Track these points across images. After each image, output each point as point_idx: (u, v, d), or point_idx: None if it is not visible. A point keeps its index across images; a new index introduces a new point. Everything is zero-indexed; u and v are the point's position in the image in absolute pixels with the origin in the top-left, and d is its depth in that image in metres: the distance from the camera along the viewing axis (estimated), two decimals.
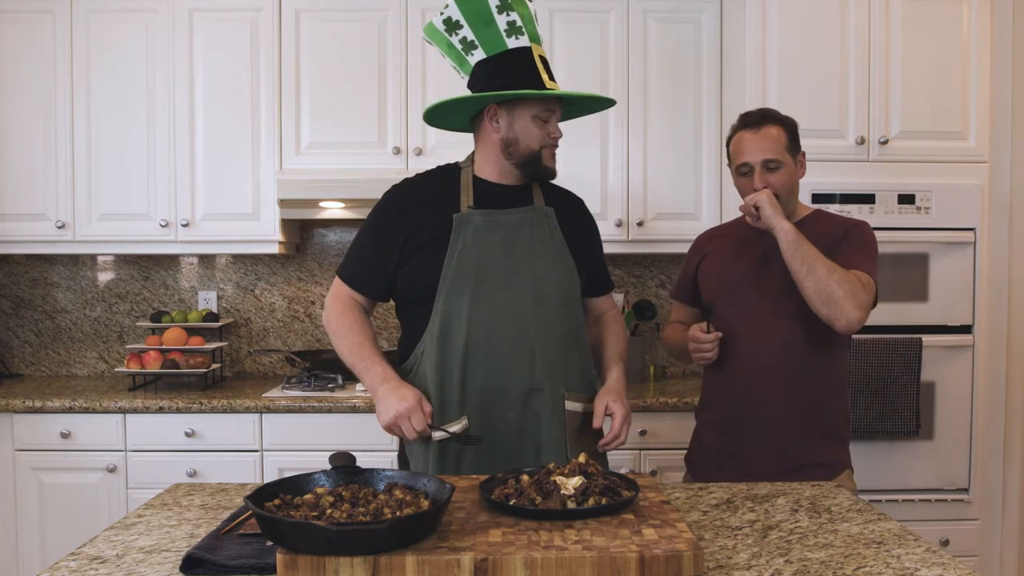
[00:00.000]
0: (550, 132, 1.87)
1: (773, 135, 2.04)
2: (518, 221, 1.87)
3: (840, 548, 1.36)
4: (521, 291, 1.82)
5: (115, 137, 3.16)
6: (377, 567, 1.15)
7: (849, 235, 2.03)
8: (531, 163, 1.87)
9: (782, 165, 2.03)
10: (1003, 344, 2.98)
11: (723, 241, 2.21)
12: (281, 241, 3.21)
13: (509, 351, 1.80)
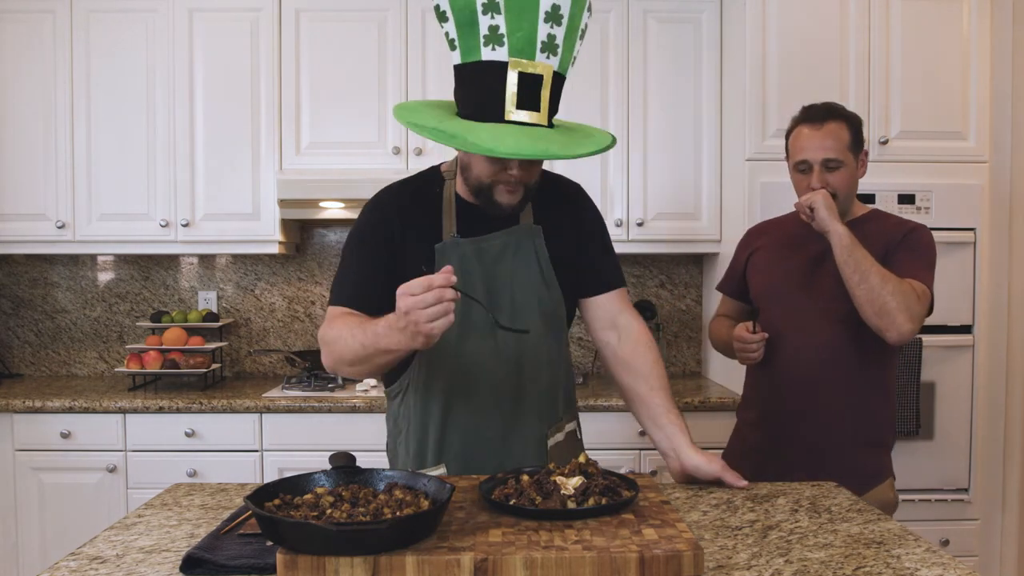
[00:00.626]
0: (506, 168, 1.56)
1: (836, 132, 1.95)
2: (501, 247, 1.68)
3: (840, 548, 1.36)
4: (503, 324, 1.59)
5: (115, 137, 3.16)
6: (377, 567, 1.15)
7: (907, 240, 1.96)
8: (481, 195, 1.61)
9: (843, 165, 1.96)
10: (1003, 344, 2.98)
11: (774, 236, 2.15)
12: (281, 241, 3.21)
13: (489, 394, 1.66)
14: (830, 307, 1.96)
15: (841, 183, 1.96)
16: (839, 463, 1.95)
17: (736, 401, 2.91)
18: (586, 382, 3.27)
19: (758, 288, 2.12)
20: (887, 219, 2.05)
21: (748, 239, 2.23)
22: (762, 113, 2.86)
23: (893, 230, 1.99)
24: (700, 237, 3.22)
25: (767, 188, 2.84)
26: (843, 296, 1.91)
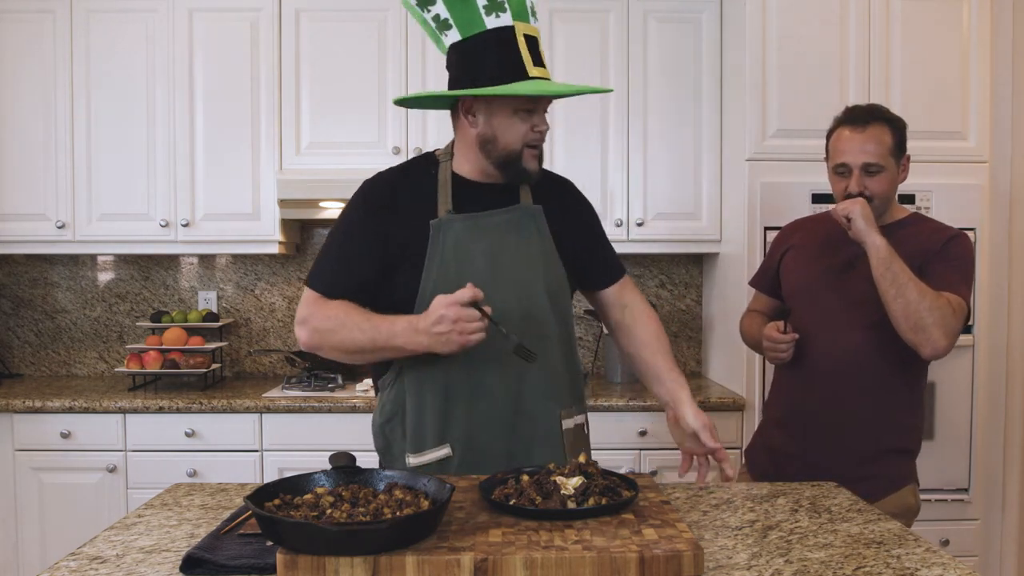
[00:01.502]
0: (534, 126, 1.61)
1: (878, 136, 1.91)
2: (503, 224, 1.67)
3: (840, 548, 1.36)
4: (506, 302, 1.61)
5: (115, 137, 3.16)
6: (377, 567, 1.15)
7: (946, 249, 1.91)
8: (510, 163, 1.63)
9: (883, 170, 1.91)
10: (1003, 344, 2.98)
11: (809, 235, 2.12)
12: (281, 241, 3.21)
13: (494, 377, 1.63)
14: (861, 311, 1.93)
15: (880, 188, 1.92)
16: (859, 468, 1.93)
17: (736, 401, 2.91)
18: (586, 381, 3.27)
19: (790, 286, 2.10)
20: (926, 224, 2.00)
21: (783, 236, 2.20)
22: (762, 113, 2.86)
23: (932, 237, 1.94)
24: (700, 237, 3.22)
25: (767, 188, 2.84)
26: (875, 301, 1.88)
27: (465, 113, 1.64)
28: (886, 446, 1.96)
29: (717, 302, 3.32)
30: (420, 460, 1.65)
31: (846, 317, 1.96)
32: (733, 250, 3.05)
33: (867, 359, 1.94)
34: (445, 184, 1.68)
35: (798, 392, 2.04)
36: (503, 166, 1.65)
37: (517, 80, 1.54)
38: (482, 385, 1.64)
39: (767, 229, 2.83)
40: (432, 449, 1.65)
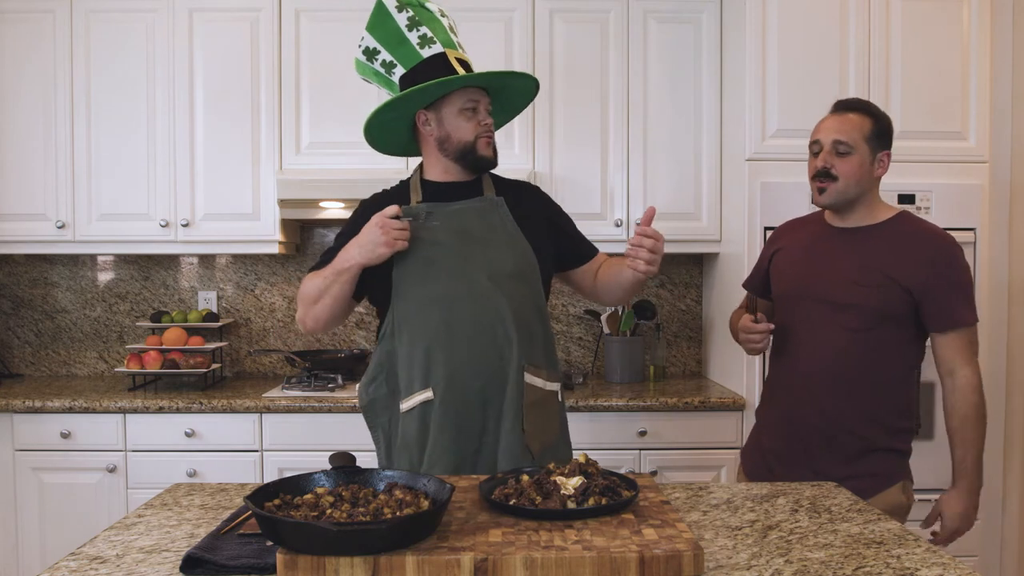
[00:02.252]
0: (480, 120, 1.92)
1: (854, 120, 1.94)
2: (467, 210, 1.93)
3: (840, 548, 1.36)
4: (475, 272, 1.86)
5: (115, 137, 3.16)
6: (377, 567, 1.15)
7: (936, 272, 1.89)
8: (467, 154, 1.93)
9: (853, 151, 1.93)
10: (1003, 344, 2.98)
11: (797, 236, 2.13)
12: (281, 241, 3.21)
13: (467, 326, 1.85)
14: (846, 314, 1.94)
15: (847, 169, 1.93)
16: (849, 465, 1.95)
17: (736, 401, 2.91)
18: (586, 382, 3.27)
19: (778, 289, 2.11)
20: (915, 226, 1.98)
21: (774, 237, 2.22)
22: (762, 113, 2.86)
23: (919, 244, 1.93)
24: (700, 237, 3.22)
25: (767, 188, 2.84)
26: (859, 303, 1.91)
27: (423, 125, 1.95)
28: (875, 445, 1.96)
29: (717, 302, 3.32)
30: (408, 404, 1.88)
31: (831, 319, 1.96)
32: (733, 250, 3.05)
33: (853, 360, 1.95)
34: (416, 185, 1.99)
35: (787, 393, 2.06)
36: (461, 158, 1.94)
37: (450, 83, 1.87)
38: (456, 340, 1.85)
39: (767, 229, 2.83)
40: (417, 393, 1.86)
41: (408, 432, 1.87)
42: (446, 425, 1.83)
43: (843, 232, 2.01)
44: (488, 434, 1.85)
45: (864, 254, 1.96)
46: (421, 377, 1.86)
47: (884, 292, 1.91)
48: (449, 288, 1.85)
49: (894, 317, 1.92)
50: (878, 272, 1.92)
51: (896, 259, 1.91)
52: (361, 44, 1.96)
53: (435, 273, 1.86)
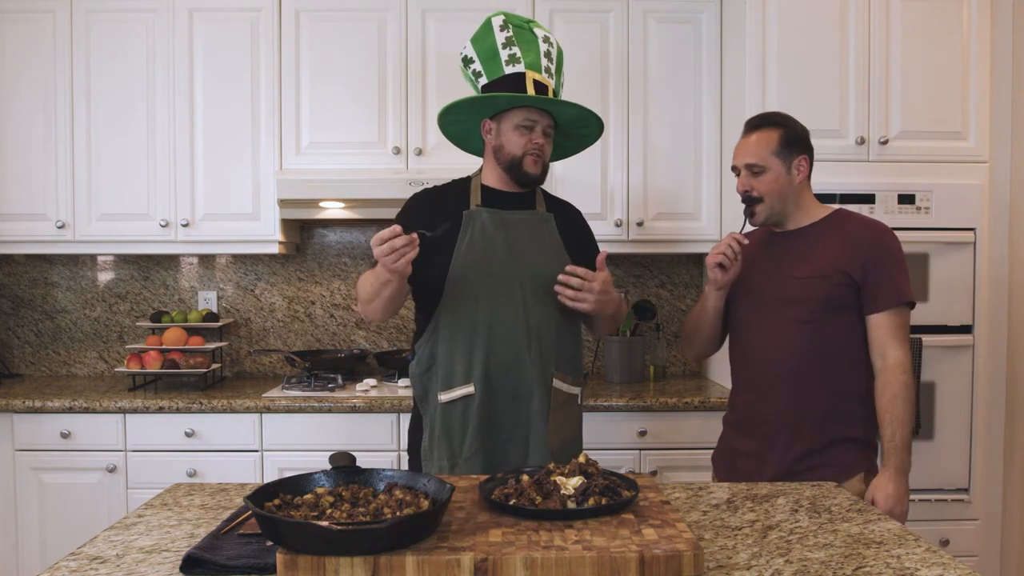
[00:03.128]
0: (532, 139, 2.05)
1: (762, 140, 2.05)
2: (521, 221, 2.10)
3: (840, 548, 1.36)
4: (522, 279, 2.04)
5: (115, 137, 3.16)
6: (377, 567, 1.15)
7: (875, 254, 2.00)
8: (514, 168, 2.07)
9: (765, 170, 2.04)
10: (1003, 344, 2.98)
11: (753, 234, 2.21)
12: (281, 241, 3.21)
13: (510, 329, 2.02)
14: (796, 308, 2.01)
15: (766, 187, 2.04)
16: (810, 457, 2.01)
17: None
18: (586, 382, 3.27)
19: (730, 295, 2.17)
20: (848, 220, 2.08)
21: None
22: None
23: (856, 237, 2.02)
24: (700, 237, 3.22)
25: None
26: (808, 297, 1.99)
27: (486, 132, 2.12)
28: (835, 436, 2.01)
29: None
30: (449, 396, 2.03)
31: (781, 314, 2.04)
32: None
33: (805, 353, 2.01)
34: (476, 188, 2.13)
35: (746, 392, 2.13)
36: (509, 169, 2.08)
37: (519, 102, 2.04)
38: (498, 337, 2.01)
39: None
40: (459, 387, 2.02)
41: (449, 421, 2.02)
42: (485, 417, 2.00)
43: (785, 236, 2.11)
44: (520, 427, 2.02)
45: (807, 249, 2.05)
46: (463, 372, 2.02)
47: (829, 282, 1.99)
48: (498, 292, 2.02)
49: (841, 305, 2.00)
50: (821, 263, 2.01)
51: (838, 248, 2.00)
52: (463, 52, 2.12)
53: (487, 277, 2.02)
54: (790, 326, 2.02)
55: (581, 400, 2.18)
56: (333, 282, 3.55)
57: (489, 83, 2.07)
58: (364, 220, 3.31)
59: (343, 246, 3.54)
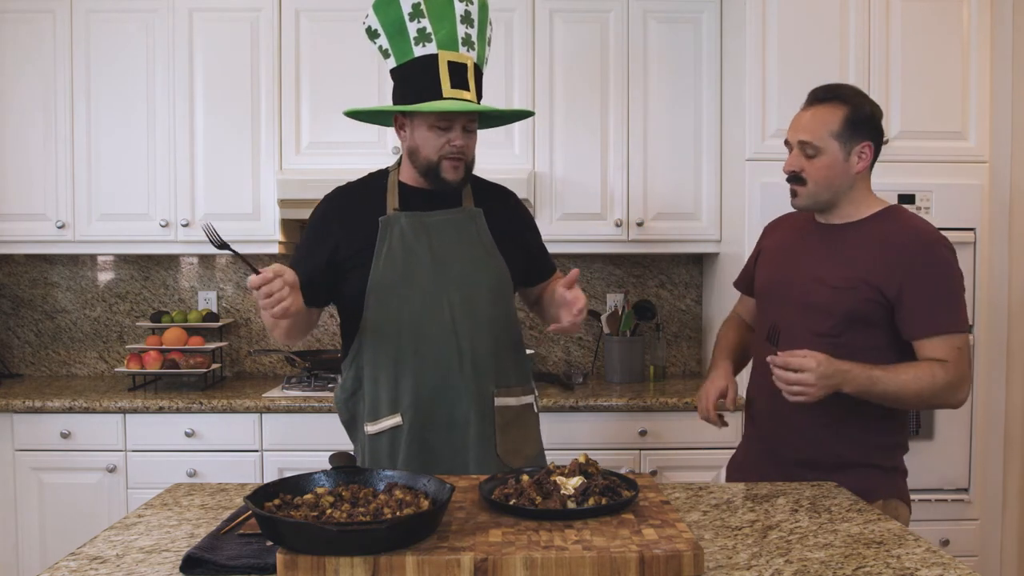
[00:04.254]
0: (450, 140, 1.80)
1: (823, 115, 1.78)
2: (444, 223, 1.88)
3: (840, 548, 1.36)
4: (449, 292, 1.84)
5: (115, 137, 3.16)
6: (377, 567, 1.15)
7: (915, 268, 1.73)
8: (430, 173, 1.85)
9: (820, 151, 1.78)
10: (1003, 344, 2.98)
11: (784, 232, 2.01)
12: (281, 241, 3.21)
13: (439, 351, 1.83)
14: (818, 318, 1.81)
15: (817, 173, 1.79)
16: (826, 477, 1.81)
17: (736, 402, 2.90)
18: (586, 382, 3.27)
19: (756, 287, 2.02)
20: (899, 220, 1.82)
21: (764, 233, 2.11)
22: (762, 113, 2.86)
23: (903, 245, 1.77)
24: (700, 237, 3.22)
25: (767, 188, 2.84)
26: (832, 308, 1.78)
27: (398, 129, 1.89)
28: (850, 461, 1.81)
29: (717, 302, 3.32)
30: (376, 428, 1.86)
31: (800, 322, 1.83)
32: (733, 250, 3.05)
33: None
34: (392, 188, 1.91)
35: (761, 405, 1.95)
36: (425, 174, 1.86)
37: (432, 99, 1.77)
38: (426, 360, 1.83)
39: None
40: (385, 417, 1.85)
41: (377, 454, 1.86)
42: (415, 451, 1.83)
43: (825, 228, 1.88)
44: (458, 457, 1.84)
45: (841, 253, 1.83)
46: (389, 401, 1.84)
47: (855, 294, 1.77)
48: (423, 309, 1.83)
49: (865, 321, 1.78)
50: (850, 272, 1.78)
51: (872, 258, 1.77)
52: (365, 21, 1.85)
53: (407, 292, 1.83)
54: (807, 337, 1.78)
55: (537, 406, 2.01)
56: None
57: (398, 67, 1.81)
58: None
59: None
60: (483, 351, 1.85)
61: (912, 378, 1.71)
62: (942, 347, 1.73)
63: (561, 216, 3.18)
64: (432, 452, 1.84)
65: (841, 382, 1.68)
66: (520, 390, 1.93)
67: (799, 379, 1.66)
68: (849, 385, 1.69)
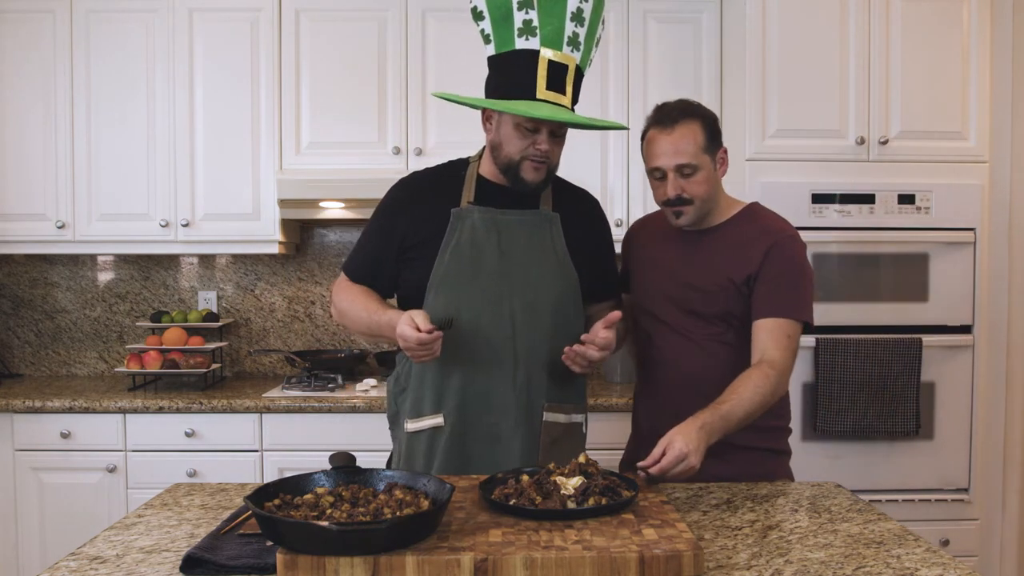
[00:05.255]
0: (535, 143, 1.74)
1: (688, 135, 1.80)
2: (517, 223, 1.81)
3: (840, 548, 1.36)
4: (513, 294, 1.77)
5: (115, 137, 3.16)
6: (377, 567, 1.15)
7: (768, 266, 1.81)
8: (510, 171, 1.78)
9: (698, 169, 1.81)
10: (1003, 344, 2.98)
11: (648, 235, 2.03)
12: (281, 241, 3.21)
13: (493, 354, 1.76)
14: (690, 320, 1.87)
15: (699, 190, 1.82)
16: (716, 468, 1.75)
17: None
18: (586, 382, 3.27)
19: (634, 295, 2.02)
20: (756, 220, 1.90)
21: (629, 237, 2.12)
22: (762, 113, 2.86)
23: (754, 246, 1.84)
24: None
25: (767, 188, 2.84)
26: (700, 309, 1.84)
27: (486, 120, 1.81)
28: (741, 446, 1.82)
29: None
30: (416, 426, 1.81)
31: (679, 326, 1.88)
32: None
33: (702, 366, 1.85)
34: (470, 180, 1.84)
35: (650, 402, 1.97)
36: (505, 172, 1.80)
37: (524, 99, 1.68)
38: (478, 364, 1.77)
39: None
40: (428, 416, 1.80)
41: (413, 455, 1.80)
42: (453, 456, 1.76)
43: (687, 234, 1.92)
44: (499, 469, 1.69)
45: (705, 257, 1.88)
46: (433, 399, 1.78)
47: (724, 295, 1.84)
48: (482, 309, 1.75)
49: (738, 317, 1.84)
50: (717, 275, 1.85)
51: (734, 258, 1.84)
52: (472, 1, 1.74)
53: (470, 289, 1.76)
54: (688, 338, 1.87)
55: (586, 427, 1.93)
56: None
57: (497, 55, 1.72)
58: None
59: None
60: (539, 363, 1.78)
61: (752, 391, 1.70)
62: (775, 331, 1.78)
63: None
64: (470, 461, 1.76)
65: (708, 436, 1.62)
66: (572, 407, 1.86)
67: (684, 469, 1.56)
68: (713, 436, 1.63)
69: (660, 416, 1.86)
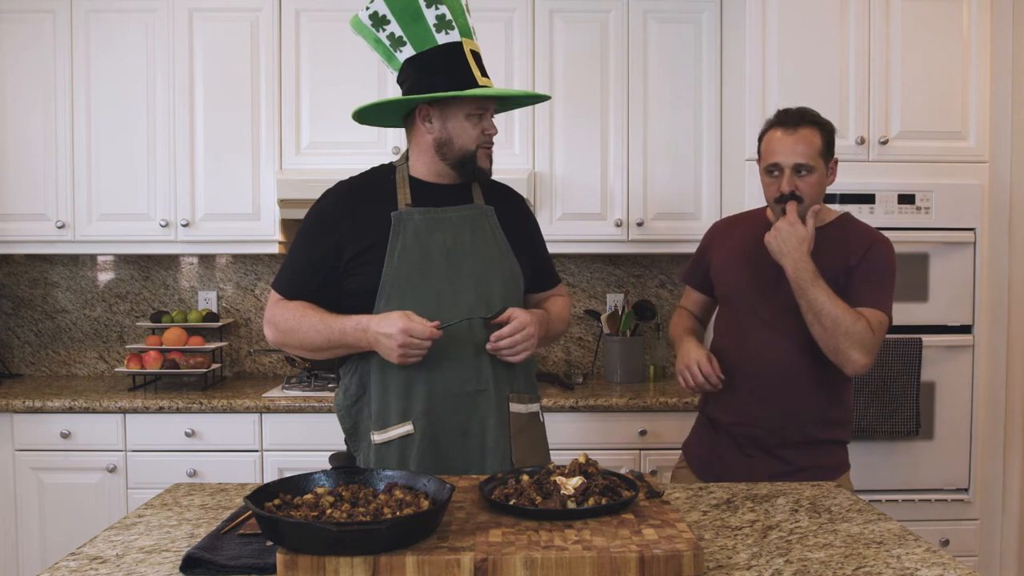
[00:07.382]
0: (485, 130, 1.80)
1: (808, 138, 1.94)
2: (458, 219, 1.82)
3: (840, 548, 1.36)
4: (465, 292, 1.77)
5: (115, 137, 3.16)
6: (377, 567, 1.15)
7: (867, 260, 1.96)
8: (466, 163, 1.80)
9: (814, 171, 1.95)
10: (1003, 344, 2.98)
11: (737, 234, 2.15)
12: (281, 241, 3.21)
13: (455, 352, 1.75)
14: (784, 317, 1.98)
15: (810, 189, 1.96)
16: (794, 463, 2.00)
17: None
18: (586, 382, 3.27)
19: (722, 289, 2.14)
20: (853, 228, 2.05)
21: (714, 233, 2.25)
22: (762, 113, 2.85)
23: (855, 243, 1.99)
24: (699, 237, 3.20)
25: None
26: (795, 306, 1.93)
27: (423, 120, 1.80)
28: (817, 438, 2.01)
29: None
30: (384, 437, 1.77)
31: (771, 323, 2.00)
32: None
33: (795, 362, 1.98)
34: (403, 183, 1.84)
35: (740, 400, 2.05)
36: (459, 165, 1.81)
37: (468, 87, 1.73)
38: (440, 365, 1.75)
39: None
40: (395, 426, 1.76)
41: (385, 464, 1.76)
42: (427, 460, 1.74)
43: None
44: (474, 466, 1.75)
45: None
46: (399, 409, 1.75)
47: None
48: (438, 308, 1.74)
49: None
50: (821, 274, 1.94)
51: (833, 253, 1.96)
52: (369, 7, 1.76)
53: (422, 290, 1.75)
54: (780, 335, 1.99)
55: (542, 416, 1.94)
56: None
57: (419, 55, 1.74)
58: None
59: None
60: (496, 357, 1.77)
61: (843, 308, 1.87)
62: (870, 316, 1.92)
63: (561, 216, 3.18)
64: (446, 461, 1.75)
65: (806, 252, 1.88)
66: (528, 397, 1.87)
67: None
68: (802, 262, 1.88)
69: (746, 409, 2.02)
